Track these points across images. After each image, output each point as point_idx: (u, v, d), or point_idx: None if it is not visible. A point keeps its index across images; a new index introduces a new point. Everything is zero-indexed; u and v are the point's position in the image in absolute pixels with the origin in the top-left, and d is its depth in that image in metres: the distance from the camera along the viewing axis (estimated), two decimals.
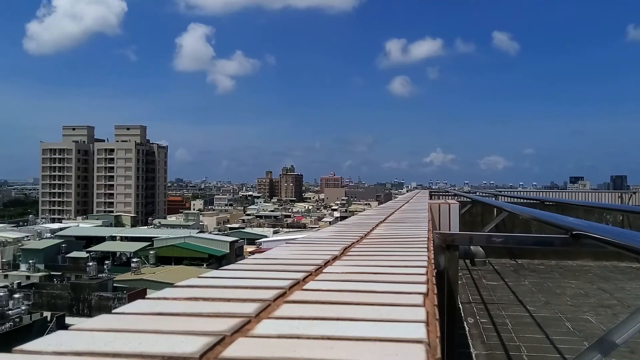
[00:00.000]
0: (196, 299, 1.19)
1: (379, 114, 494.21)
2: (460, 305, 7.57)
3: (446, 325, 2.88)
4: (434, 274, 1.71)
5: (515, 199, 16.65)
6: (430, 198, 11.34)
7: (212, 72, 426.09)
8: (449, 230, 5.29)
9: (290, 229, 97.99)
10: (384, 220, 3.88)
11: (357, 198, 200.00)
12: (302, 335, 0.91)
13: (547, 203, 12.07)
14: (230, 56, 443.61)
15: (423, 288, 1.28)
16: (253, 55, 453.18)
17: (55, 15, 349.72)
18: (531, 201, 14.22)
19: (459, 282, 7.33)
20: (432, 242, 2.57)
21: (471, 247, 4.09)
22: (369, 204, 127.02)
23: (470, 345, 6.08)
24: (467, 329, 6.74)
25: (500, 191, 20.98)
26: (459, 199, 12.61)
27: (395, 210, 5.19)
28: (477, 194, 18.66)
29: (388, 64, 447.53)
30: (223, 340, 0.87)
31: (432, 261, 1.90)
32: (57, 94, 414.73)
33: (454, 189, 42.22)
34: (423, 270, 1.53)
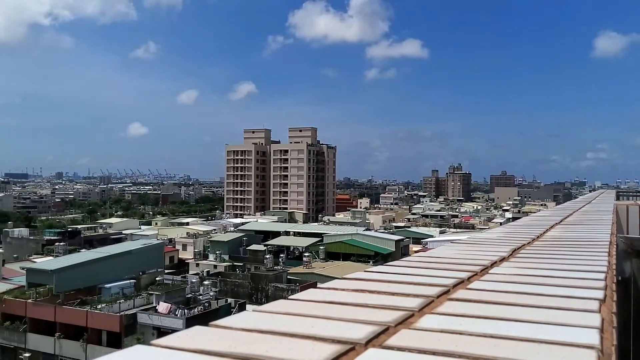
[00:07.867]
0: (363, 291, 1.27)
1: (546, 112, 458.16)
2: None
3: (632, 337, 2.60)
4: (615, 281, 1.58)
5: None
6: (617, 199, 10.26)
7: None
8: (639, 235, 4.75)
9: (458, 229, 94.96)
10: (560, 221, 3.64)
11: (531, 198, 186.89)
12: (464, 331, 0.92)
13: None
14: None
15: (599, 294, 1.20)
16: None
17: None
18: None
19: None
20: (614, 246, 2.35)
21: None
22: (544, 205, 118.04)
23: None
24: None
25: None
26: None
27: (573, 212, 4.81)
28: None
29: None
30: (387, 330, 0.93)
31: (614, 267, 1.75)
32: (239, 100, 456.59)
33: None
34: (601, 276, 1.42)
